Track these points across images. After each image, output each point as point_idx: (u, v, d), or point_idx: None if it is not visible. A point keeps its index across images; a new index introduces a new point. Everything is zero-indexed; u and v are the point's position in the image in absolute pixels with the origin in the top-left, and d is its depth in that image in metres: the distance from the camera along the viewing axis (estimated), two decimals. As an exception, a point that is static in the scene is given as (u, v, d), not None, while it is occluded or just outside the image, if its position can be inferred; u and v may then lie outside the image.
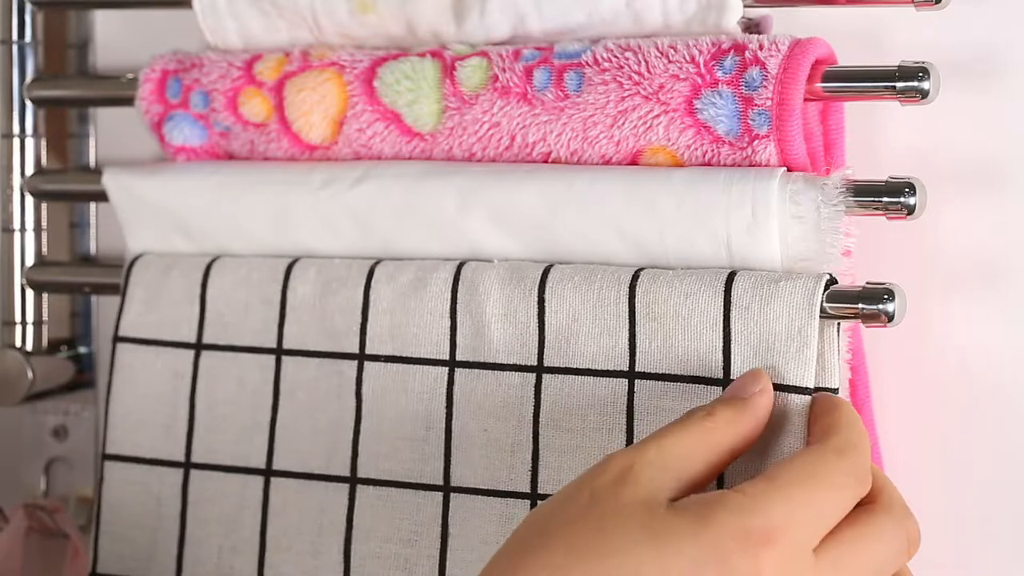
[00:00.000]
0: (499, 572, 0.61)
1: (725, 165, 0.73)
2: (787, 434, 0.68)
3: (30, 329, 0.92)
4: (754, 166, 0.72)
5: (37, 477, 0.95)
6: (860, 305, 0.69)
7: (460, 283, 0.75)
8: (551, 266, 0.74)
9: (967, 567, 0.79)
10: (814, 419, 0.67)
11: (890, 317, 0.69)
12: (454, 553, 0.75)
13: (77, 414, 0.94)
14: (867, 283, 0.70)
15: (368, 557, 0.76)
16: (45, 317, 0.92)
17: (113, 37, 0.93)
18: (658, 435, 0.65)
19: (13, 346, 0.91)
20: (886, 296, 0.69)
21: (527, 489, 0.73)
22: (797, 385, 0.68)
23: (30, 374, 0.90)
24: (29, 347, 0.91)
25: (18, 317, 0.91)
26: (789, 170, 0.72)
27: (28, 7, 0.90)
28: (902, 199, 0.70)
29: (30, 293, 0.91)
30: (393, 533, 0.76)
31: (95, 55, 0.93)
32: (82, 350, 0.94)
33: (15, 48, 0.90)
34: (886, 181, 0.71)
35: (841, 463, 0.64)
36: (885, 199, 0.71)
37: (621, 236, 0.74)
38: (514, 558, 0.62)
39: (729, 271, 0.71)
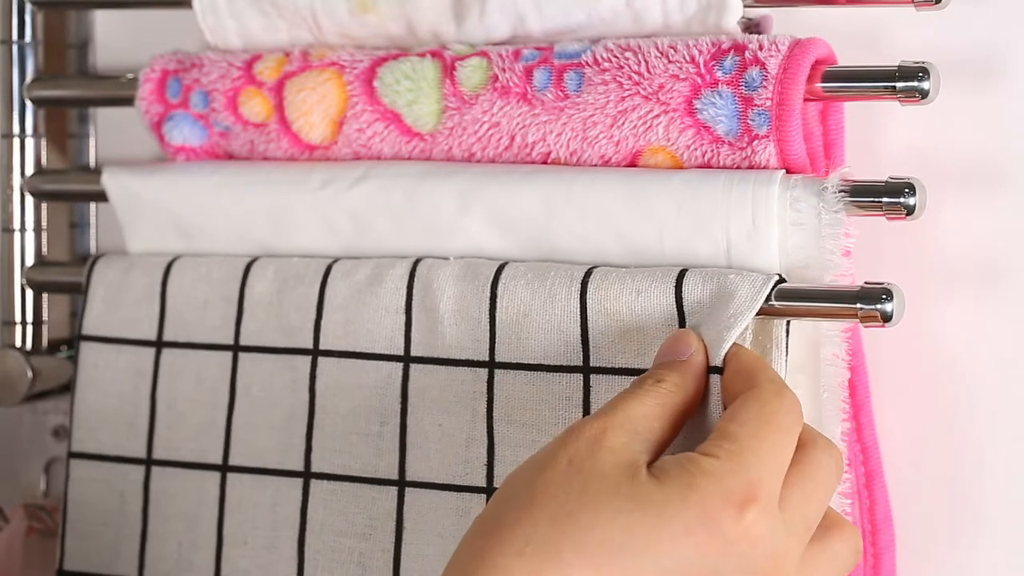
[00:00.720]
0: (480, 550, 0.61)
1: (725, 165, 0.73)
2: (706, 412, 0.69)
3: (30, 329, 0.92)
4: (754, 166, 0.72)
5: (37, 477, 0.95)
6: (858, 305, 0.69)
7: (415, 279, 0.76)
8: (505, 263, 0.74)
9: (967, 565, 0.79)
10: (731, 373, 0.68)
11: (888, 317, 0.69)
12: (409, 547, 0.75)
13: (77, 414, 0.94)
14: (865, 283, 0.70)
15: (322, 551, 0.77)
16: (45, 317, 0.92)
17: (113, 37, 0.93)
18: (618, 402, 0.66)
19: (13, 346, 0.91)
20: (884, 296, 0.69)
21: (483, 483, 0.74)
22: (712, 365, 0.69)
23: (30, 374, 0.90)
24: (29, 347, 0.91)
25: (18, 317, 0.91)
26: (789, 171, 0.72)
27: (28, 7, 0.90)
28: (902, 199, 0.70)
29: (30, 293, 0.91)
30: (348, 527, 0.76)
31: (95, 55, 0.93)
32: (82, 350, 0.94)
33: (15, 48, 0.90)
34: (886, 181, 0.71)
35: (782, 403, 0.65)
36: (885, 199, 0.71)
37: (620, 239, 0.74)
38: (496, 534, 0.61)
39: (679, 269, 0.71)
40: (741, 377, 0.67)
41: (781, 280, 0.70)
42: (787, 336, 0.70)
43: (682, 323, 0.70)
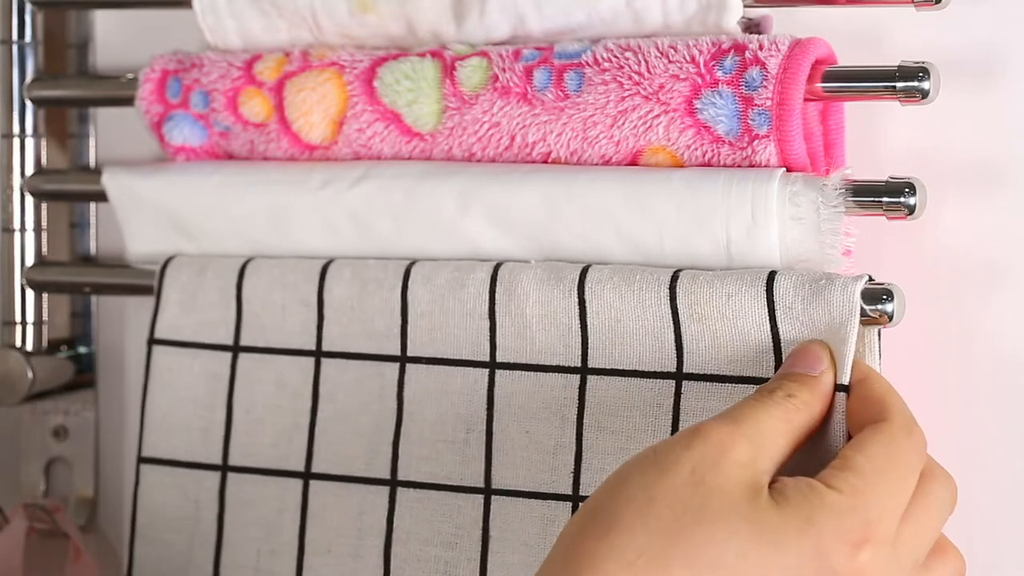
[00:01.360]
0: (591, 552, 0.59)
1: (725, 165, 0.73)
2: (828, 432, 0.68)
3: (30, 329, 0.91)
4: (754, 166, 0.72)
5: (37, 477, 0.95)
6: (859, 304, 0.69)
7: (497, 284, 0.75)
8: (588, 267, 0.74)
9: (973, 562, 0.79)
10: (859, 398, 0.67)
11: (889, 317, 0.69)
12: (495, 556, 0.74)
13: (77, 414, 0.94)
14: (866, 283, 0.70)
15: (408, 560, 0.76)
16: (45, 317, 0.92)
17: (113, 37, 0.93)
18: (746, 411, 0.64)
19: (13, 346, 0.91)
20: (885, 296, 0.69)
21: (569, 491, 0.73)
22: (838, 383, 0.68)
23: (30, 374, 0.90)
24: (29, 347, 0.91)
25: (18, 317, 0.91)
26: (789, 170, 0.72)
27: (28, 7, 0.90)
28: (902, 199, 0.70)
29: (30, 293, 0.91)
30: (433, 536, 0.76)
31: (95, 55, 0.93)
32: (82, 350, 0.94)
33: (15, 48, 0.90)
34: (886, 181, 0.71)
35: (911, 443, 0.65)
36: (885, 199, 0.71)
37: (620, 237, 0.74)
38: (607, 536, 0.60)
39: (769, 270, 0.71)
40: (871, 405, 0.66)
41: (870, 280, 0.70)
42: (879, 341, 0.70)
43: (774, 328, 0.70)
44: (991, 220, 0.77)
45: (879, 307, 0.69)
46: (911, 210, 0.71)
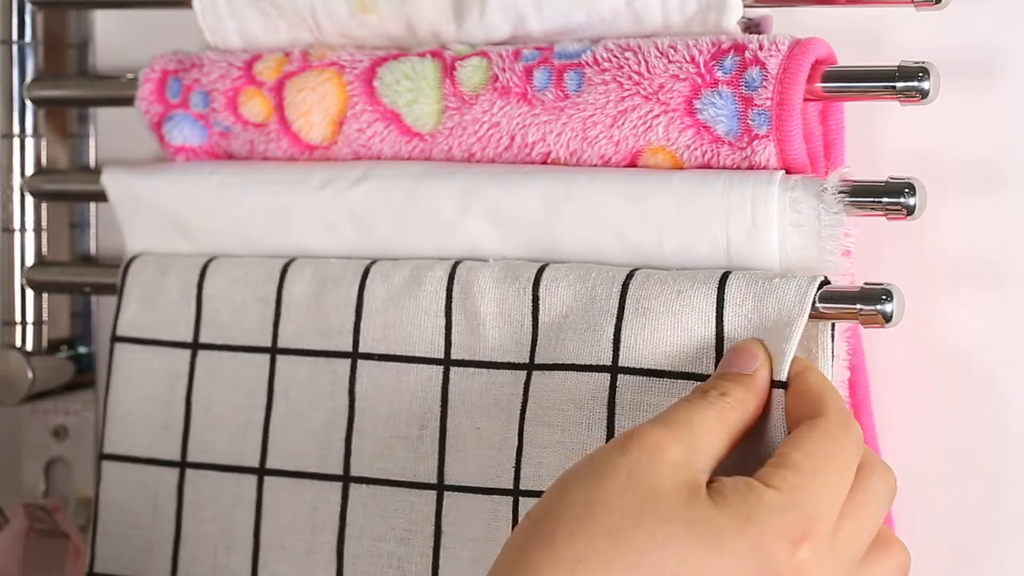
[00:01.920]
0: (534, 560, 0.60)
1: (725, 165, 0.73)
2: (766, 428, 0.68)
3: (30, 329, 0.91)
4: (754, 166, 0.72)
5: (37, 477, 0.95)
6: (858, 306, 0.69)
7: (455, 282, 0.75)
8: (546, 265, 0.74)
9: (969, 563, 0.79)
10: (796, 393, 0.67)
11: (888, 318, 0.69)
12: (447, 551, 0.75)
13: (77, 414, 0.94)
14: (865, 283, 0.70)
15: (361, 555, 0.76)
16: (45, 317, 0.92)
17: (113, 37, 0.93)
18: (679, 413, 0.64)
19: (13, 346, 0.91)
20: (883, 296, 0.69)
21: (510, 486, 0.73)
22: (776, 380, 0.68)
23: (30, 374, 0.90)
24: (29, 347, 0.91)
25: (18, 317, 0.91)
26: (789, 171, 0.72)
27: (28, 7, 0.90)
28: (902, 199, 0.70)
29: (30, 293, 0.91)
30: (387, 531, 0.76)
31: (95, 55, 0.93)
32: (82, 350, 0.94)
33: (15, 48, 0.90)
34: (886, 181, 0.71)
35: (847, 437, 0.64)
36: (885, 199, 0.71)
37: (619, 239, 0.74)
38: (550, 545, 0.60)
39: (724, 271, 0.71)
40: (808, 401, 0.66)
41: (825, 282, 0.70)
42: (832, 341, 0.70)
43: (720, 326, 0.70)
44: (991, 220, 0.77)
45: (878, 307, 0.69)
46: (911, 210, 0.70)
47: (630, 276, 0.72)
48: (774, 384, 0.68)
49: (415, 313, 0.76)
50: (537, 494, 0.72)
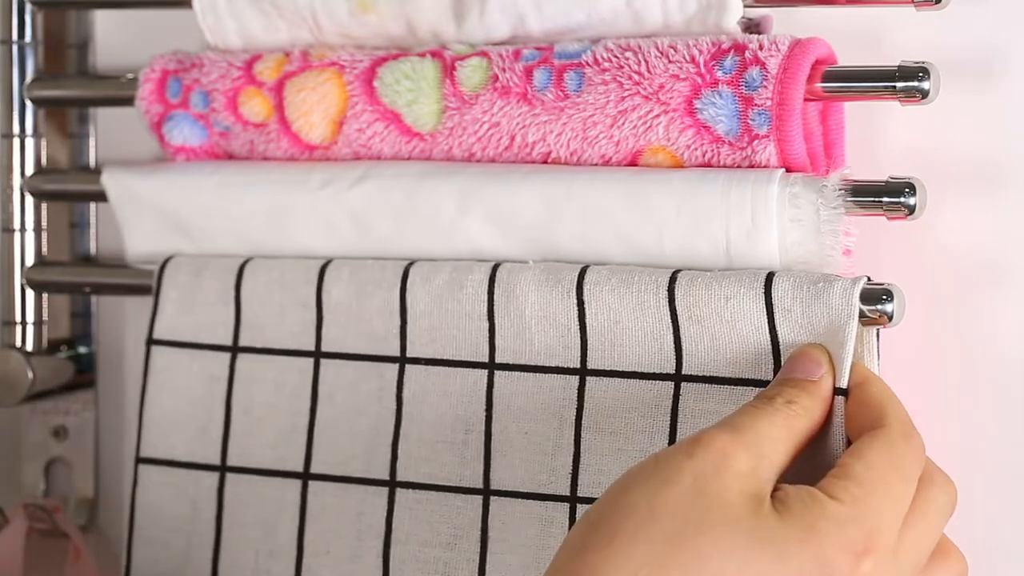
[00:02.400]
0: (594, 564, 0.59)
1: (725, 165, 0.73)
2: (828, 436, 0.68)
3: (30, 329, 0.91)
4: (754, 166, 0.72)
5: (37, 477, 0.95)
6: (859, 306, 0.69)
7: (496, 285, 0.75)
8: (586, 268, 0.74)
9: (974, 562, 0.78)
10: (858, 403, 0.67)
11: (889, 318, 0.69)
12: (493, 557, 0.74)
13: (77, 414, 0.94)
14: (866, 283, 0.70)
15: (407, 561, 0.76)
16: (45, 317, 0.92)
17: (113, 37, 0.93)
18: (746, 419, 0.64)
19: (13, 346, 0.91)
20: (884, 296, 0.69)
21: (567, 492, 0.73)
22: (838, 387, 0.68)
23: (30, 374, 0.90)
24: (29, 347, 0.91)
25: (18, 317, 0.91)
26: (789, 170, 0.72)
27: (28, 7, 0.90)
28: (902, 199, 0.70)
29: (30, 293, 0.91)
30: (432, 537, 0.75)
31: (95, 55, 0.93)
32: (82, 350, 0.94)
33: (15, 48, 0.90)
34: (886, 181, 0.71)
35: (910, 449, 0.64)
36: (885, 199, 0.71)
37: (619, 238, 0.74)
38: (609, 547, 0.59)
39: (767, 272, 0.71)
40: (869, 411, 0.66)
41: (868, 282, 0.70)
42: (878, 342, 0.70)
43: (773, 331, 0.70)
44: (991, 220, 0.77)
45: (879, 307, 0.69)
46: (911, 210, 0.71)
47: (673, 280, 0.72)
48: (835, 391, 0.68)
49: (458, 316, 0.76)
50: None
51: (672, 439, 0.71)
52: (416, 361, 0.77)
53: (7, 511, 0.93)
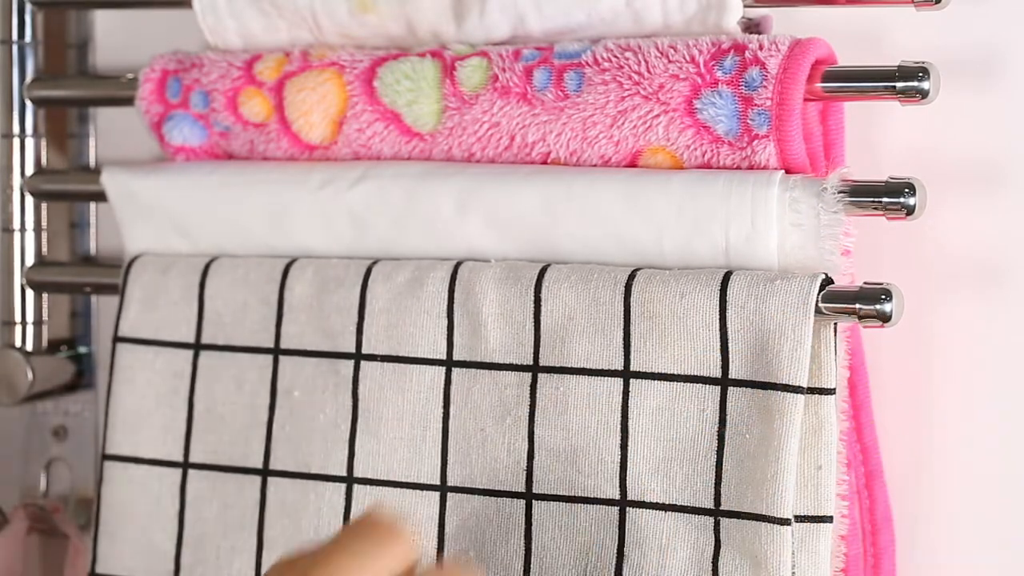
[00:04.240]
0: None
1: (725, 165, 0.73)
2: (784, 434, 0.68)
3: (30, 329, 0.91)
4: (754, 166, 0.72)
5: (37, 477, 0.95)
6: (857, 305, 0.69)
7: (457, 283, 0.75)
8: (548, 266, 0.74)
9: (968, 565, 0.79)
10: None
11: (887, 317, 0.69)
12: (451, 552, 0.75)
13: (77, 414, 0.94)
14: (864, 283, 0.70)
15: None
16: (45, 317, 0.92)
17: (113, 37, 0.93)
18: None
19: (13, 346, 0.91)
20: (883, 296, 0.69)
21: (522, 489, 0.73)
22: (792, 384, 0.69)
23: (30, 374, 0.90)
24: (29, 347, 0.91)
25: (18, 317, 0.91)
26: (789, 171, 0.72)
27: (28, 7, 0.90)
28: (902, 199, 0.70)
29: (30, 293, 0.91)
30: None
31: (95, 55, 0.93)
32: (82, 350, 0.94)
33: (15, 48, 0.90)
34: (886, 181, 0.71)
35: None
36: (885, 199, 0.71)
37: (619, 240, 0.74)
38: None
39: (725, 271, 0.71)
40: None
41: (828, 280, 0.70)
42: (835, 337, 0.70)
43: (723, 326, 0.70)
44: (991, 220, 0.77)
45: (877, 307, 0.69)
46: (911, 210, 0.71)
47: (632, 278, 0.72)
48: (792, 389, 0.68)
49: (417, 314, 0.76)
50: (551, 497, 0.73)
51: (624, 435, 0.71)
52: (372, 358, 0.77)
53: (7, 511, 0.93)
